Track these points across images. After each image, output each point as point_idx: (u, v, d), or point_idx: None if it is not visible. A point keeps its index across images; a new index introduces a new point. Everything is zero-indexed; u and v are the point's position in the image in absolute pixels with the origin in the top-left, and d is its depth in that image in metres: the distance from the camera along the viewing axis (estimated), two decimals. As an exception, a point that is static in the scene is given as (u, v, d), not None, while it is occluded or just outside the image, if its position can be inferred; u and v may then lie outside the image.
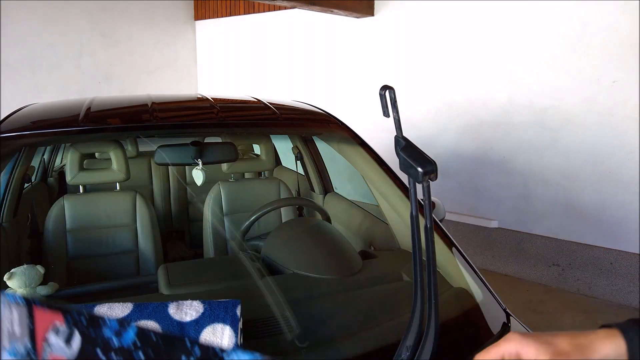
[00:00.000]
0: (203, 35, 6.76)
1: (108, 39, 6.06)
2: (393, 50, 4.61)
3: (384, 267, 1.49)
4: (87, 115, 1.51)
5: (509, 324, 1.20)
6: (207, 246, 1.98)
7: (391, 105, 0.72)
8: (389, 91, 0.72)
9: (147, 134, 1.89)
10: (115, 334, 0.41)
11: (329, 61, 5.24)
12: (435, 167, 0.69)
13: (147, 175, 2.92)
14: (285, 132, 2.26)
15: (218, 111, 1.70)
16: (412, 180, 0.73)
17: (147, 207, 1.90)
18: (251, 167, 2.24)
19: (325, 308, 1.21)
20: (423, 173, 0.68)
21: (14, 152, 1.82)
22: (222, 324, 0.92)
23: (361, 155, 1.75)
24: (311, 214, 2.31)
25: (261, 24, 5.94)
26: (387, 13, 4.62)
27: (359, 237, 2.06)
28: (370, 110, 4.88)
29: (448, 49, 4.18)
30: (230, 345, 0.89)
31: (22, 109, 1.73)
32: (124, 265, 1.85)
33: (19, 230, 1.90)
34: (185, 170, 2.99)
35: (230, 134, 1.97)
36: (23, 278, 1.25)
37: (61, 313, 0.44)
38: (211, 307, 0.95)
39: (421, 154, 0.71)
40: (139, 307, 0.93)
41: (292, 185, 2.61)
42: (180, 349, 0.39)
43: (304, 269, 1.35)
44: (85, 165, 1.89)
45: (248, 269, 1.37)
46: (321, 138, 2.17)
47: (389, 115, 0.73)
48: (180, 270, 1.42)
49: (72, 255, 1.79)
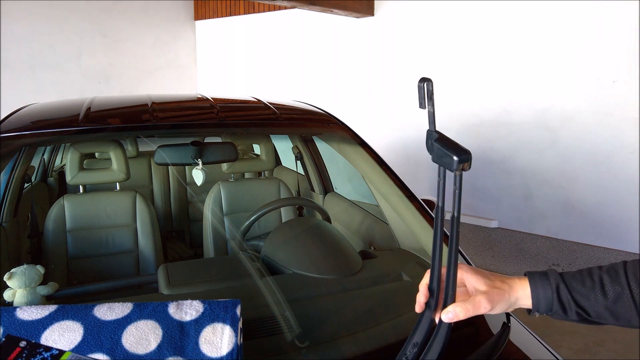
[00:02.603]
0: (203, 35, 6.76)
1: (108, 39, 6.06)
2: (393, 50, 4.62)
3: (384, 267, 1.49)
4: (87, 115, 1.51)
5: (509, 324, 1.20)
6: (207, 246, 1.98)
7: (427, 97, 0.72)
8: (427, 83, 0.72)
9: (147, 134, 1.89)
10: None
11: (329, 61, 5.24)
12: (470, 156, 0.70)
13: (147, 175, 2.92)
14: (285, 132, 2.26)
15: (218, 111, 1.70)
16: (442, 171, 0.74)
17: (147, 207, 1.90)
18: (251, 167, 2.24)
19: (325, 308, 1.21)
20: (458, 161, 0.69)
21: (14, 152, 1.82)
22: (222, 324, 0.92)
23: (361, 155, 1.75)
24: (311, 214, 2.31)
25: (261, 24, 5.94)
26: (387, 13, 4.62)
27: (359, 237, 2.06)
28: (370, 110, 4.88)
29: (448, 48, 4.18)
30: (230, 345, 0.89)
31: (22, 109, 1.73)
32: (124, 265, 1.85)
33: (19, 230, 1.90)
34: (185, 170, 2.99)
35: (230, 134, 1.97)
36: (23, 278, 1.25)
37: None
38: (211, 306, 0.95)
39: (455, 144, 0.72)
40: (139, 307, 0.93)
41: (292, 185, 2.61)
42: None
43: (304, 268, 1.35)
44: (85, 165, 1.89)
45: (248, 268, 1.37)
46: (321, 138, 2.17)
47: (425, 107, 0.74)
48: (180, 270, 1.42)
49: (72, 255, 1.79)
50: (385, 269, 1.47)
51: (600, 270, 0.80)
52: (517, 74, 3.77)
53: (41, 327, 0.88)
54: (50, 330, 0.87)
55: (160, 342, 0.88)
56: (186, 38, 6.74)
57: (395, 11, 4.55)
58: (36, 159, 2.61)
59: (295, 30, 5.54)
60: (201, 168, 1.66)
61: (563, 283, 0.79)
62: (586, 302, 0.78)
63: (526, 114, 3.76)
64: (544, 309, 0.80)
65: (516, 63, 3.77)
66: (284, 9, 5.49)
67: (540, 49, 3.62)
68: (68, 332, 0.87)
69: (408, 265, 1.44)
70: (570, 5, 3.43)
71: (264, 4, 5.66)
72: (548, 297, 0.80)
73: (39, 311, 0.90)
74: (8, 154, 1.68)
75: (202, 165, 1.65)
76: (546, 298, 0.80)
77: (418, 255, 1.52)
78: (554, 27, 3.54)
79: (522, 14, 3.69)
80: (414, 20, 4.41)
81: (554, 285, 0.80)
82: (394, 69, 4.62)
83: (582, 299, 0.78)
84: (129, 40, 6.23)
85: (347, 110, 4.80)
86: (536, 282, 0.81)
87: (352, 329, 1.12)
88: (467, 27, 4.03)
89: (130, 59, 6.27)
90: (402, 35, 4.52)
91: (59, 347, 0.86)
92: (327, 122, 1.83)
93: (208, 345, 0.89)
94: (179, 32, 6.66)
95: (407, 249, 1.65)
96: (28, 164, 2.09)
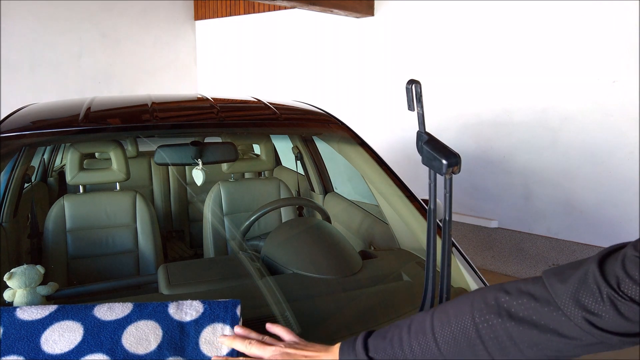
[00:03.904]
0: (203, 35, 6.76)
1: (108, 39, 6.06)
2: (393, 50, 4.61)
3: (384, 267, 1.49)
4: (87, 115, 1.51)
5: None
6: (207, 246, 1.98)
7: (416, 99, 0.71)
8: (415, 85, 0.71)
9: (147, 134, 1.88)
10: None
11: (329, 61, 5.24)
12: (459, 159, 0.69)
13: (147, 175, 2.92)
14: (285, 132, 2.26)
15: (218, 111, 1.70)
16: (433, 174, 0.73)
17: (147, 207, 1.90)
18: (251, 167, 2.24)
19: (325, 308, 1.21)
20: (447, 165, 0.68)
21: (14, 152, 1.82)
22: (222, 324, 0.92)
23: (361, 155, 1.75)
24: (311, 214, 2.31)
25: (261, 24, 5.94)
26: (387, 13, 4.62)
27: (359, 237, 2.06)
28: (370, 110, 4.88)
29: (448, 48, 4.18)
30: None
31: (22, 109, 1.73)
32: (124, 265, 1.85)
33: (19, 230, 1.90)
34: (185, 170, 2.99)
35: (230, 134, 1.97)
36: (23, 278, 1.25)
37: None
38: (211, 306, 0.95)
39: (445, 147, 0.71)
40: (139, 307, 0.93)
41: (292, 185, 2.61)
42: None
43: (304, 268, 1.35)
44: (85, 165, 1.89)
45: (248, 269, 1.37)
46: (321, 138, 2.17)
47: (414, 109, 0.73)
48: (180, 270, 1.42)
49: (72, 255, 1.79)
50: (385, 269, 1.47)
51: (409, 333, 0.75)
52: (517, 74, 3.77)
53: (41, 327, 0.88)
54: (50, 330, 0.87)
55: (160, 342, 0.88)
56: (186, 38, 6.74)
57: (395, 11, 4.55)
58: (36, 159, 2.61)
59: (295, 30, 5.54)
60: (201, 168, 1.66)
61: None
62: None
63: (526, 114, 3.76)
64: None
65: (516, 63, 3.77)
66: (283, 9, 5.49)
67: (540, 49, 3.62)
68: (68, 332, 0.87)
69: (408, 265, 1.44)
70: (570, 5, 3.43)
71: (264, 4, 5.66)
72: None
73: (39, 311, 0.90)
74: (8, 154, 1.68)
75: (202, 165, 1.65)
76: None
77: (418, 255, 1.52)
78: (554, 27, 3.54)
79: (522, 14, 3.69)
80: (414, 21, 4.41)
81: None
82: (394, 69, 4.62)
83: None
84: (129, 41, 6.23)
85: (347, 110, 4.80)
86: (344, 353, 0.81)
87: (352, 329, 1.12)
88: (467, 27, 4.03)
89: (130, 59, 6.26)
90: (402, 36, 4.52)
91: (59, 347, 0.86)
92: (327, 122, 1.83)
93: (208, 345, 0.89)
94: (179, 32, 6.66)
95: (407, 249, 1.65)
96: (28, 164, 2.09)
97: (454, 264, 1.39)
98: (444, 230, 0.76)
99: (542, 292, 0.66)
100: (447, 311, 0.72)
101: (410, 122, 4.48)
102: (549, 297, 0.65)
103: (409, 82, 0.72)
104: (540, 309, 0.65)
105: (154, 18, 6.41)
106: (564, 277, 0.65)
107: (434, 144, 0.72)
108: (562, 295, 0.64)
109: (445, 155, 0.69)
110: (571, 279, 0.64)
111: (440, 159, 0.68)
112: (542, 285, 0.66)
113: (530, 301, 0.66)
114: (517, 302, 0.66)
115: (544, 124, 3.68)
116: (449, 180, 0.71)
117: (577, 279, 0.64)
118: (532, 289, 0.67)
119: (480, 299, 0.70)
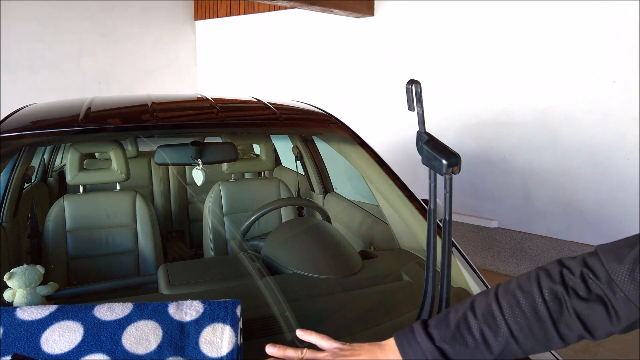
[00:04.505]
0: (203, 35, 6.76)
1: (108, 39, 6.06)
2: (393, 51, 4.61)
3: (384, 267, 1.49)
4: (87, 115, 1.51)
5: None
6: (207, 246, 1.98)
7: (416, 99, 0.71)
8: (415, 85, 0.72)
9: (147, 134, 1.89)
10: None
11: (329, 61, 5.24)
12: (459, 159, 0.70)
13: (147, 175, 2.92)
14: (285, 132, 2.26)
15: (218, 111, 1.70)
16: (433, 174, 0.73)
17: (147, 207, 1.90)
18: (251, 167, 2.24)
19: (325, 308, 1.21)
20: (447, 165, 0.68)
21: (14, 152, 1.82)
22: (222, 324, 0.92)
23: (361, 155, 1.75)
24: (311, 214, 2.30)
25: (261, 24, 5.93)
26: (387, 13, 4.62)
27: (359, 237, 2.06)
28: (370, 110, 4.88)
29: (448, 48, 4.18)
30: (231, 345, 0.89)
31: (22, 109, 1.73)
32: (124, 265, 1.85)
33: (19, 230, 1.90)
34: (185, 170, 2.99)
35: (230, 134, 1.97)
36: (23, 278, 1.25)
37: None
38: (211, 307, 0.95)
39: (445, 147, 0.71)
40: (139, 307, 0.93)
41: (292, 185, 2.60)
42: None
43: (304, 269, 1.35)
44: (85, 165, 1.89)
45: (248, 269, 1.37)
46: (321, 138, 2.17)
47: (414, 109, 0.73)
48: (180, 270, 1.42)
49: (72, 255, 1.79)
50: (385, 269, 1.47)
51: (476, 318, 0.74)
52: (517, 74, 3.77)
53: (41, 327, 0.88)
54: (50, 330, 0.87)
55: (161, 342, 0.88)
56: (186, 38, 6.74)
57: (395, 11, 4.55)
58: (36, 159, 2.61)
59: (295, 30, 5.54)
60: (201, 168, 1.66)
61: (441, 354, 0.74)
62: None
63: (526, 114, 3.76)
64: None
65: (516, 63, 3.77)
66: (284, 9, 5.49)
67: (540, 49, 3.62)
68: (68, 332, 0.87)
69: (408, 265, 1.44)
70: (570, 5, 3.43)
71: (264, 4, 5.66)
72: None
73: (39, 311, 0.90)
74: (8, 154, 1.68)
75: (202, 165, 1.65)
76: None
77: (418, 255, 1.52)
78: (554, 27, 3.54)
79: (522, 14, 3.69)
80: (414, 21, 4.41)
81: (430, 357, 0.74)
82: (394, 69, 4.62)
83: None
84: (129, 41, 6.23)
85: (347, 110, 4.80)
86: (402, 344, 0.77)
87: (352, 329, 1.12)
88: (467, 27, 4.03)
89: (130, 59, 6.27)
90: (402, 36, 4.52)
91: (59, 347, 0.86)
92: (327, 122, 1.83)
93: (208, 345, 0.89)
94: (179, 32, 6.66)
95: (407, 249, 1.65)
96: (28, 164, 2.09)
97: (454, 264, 1.39)
98: (444, 231, 0.76)
99: (602, 271, 0.70)
100: (513, 292, 0.74)
101: (410, 122, 4.47)
102: (608, 277, 0.69)
103: (409, 82, 0.72)
104: (603, 287, 0.69)
105: (154, 18, 6.41)
106: (619, 256, 0.69)
107: (434, 144, 0.72)
108: (620, 275, 0.68)
109: (445, 155, 0.69)
110: (627, 259, 0.68)
111: (440, 159, 0.68)
112: (601, 264, 0.71)
113: (594, 281, 0.70)
114: (580, 281, 0.71)
115: (544, 124, 3.68)
116: (449, 180, 0.71)
117: (632, 259, 0.68)
118: (592, 266, 0.71)
119: (545, 277, 0.73)
